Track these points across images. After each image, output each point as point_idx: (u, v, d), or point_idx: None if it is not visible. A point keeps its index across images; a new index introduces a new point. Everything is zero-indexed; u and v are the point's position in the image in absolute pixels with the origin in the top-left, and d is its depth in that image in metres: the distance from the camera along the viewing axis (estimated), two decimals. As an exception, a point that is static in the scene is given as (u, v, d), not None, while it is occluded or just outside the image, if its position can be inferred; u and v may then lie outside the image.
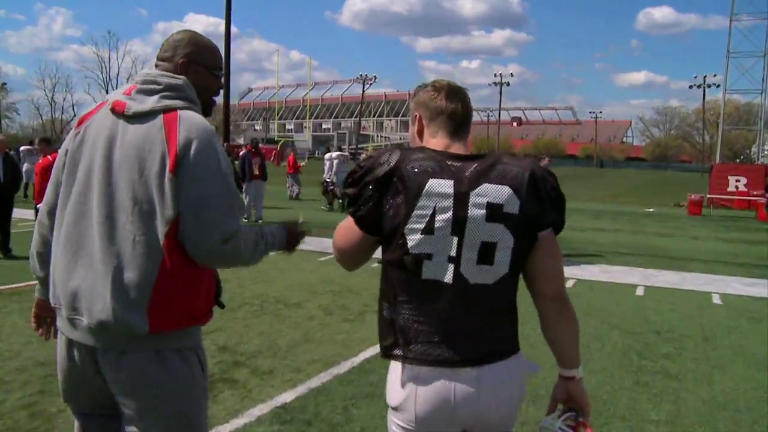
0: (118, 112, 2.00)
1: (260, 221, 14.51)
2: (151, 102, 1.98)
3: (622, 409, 4.18)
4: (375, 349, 4.89)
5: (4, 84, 66.37)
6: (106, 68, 74.30)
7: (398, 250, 1.76)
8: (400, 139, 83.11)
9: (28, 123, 77.57)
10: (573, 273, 8.97)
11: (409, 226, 1.73)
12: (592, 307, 7.11)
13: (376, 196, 1.77)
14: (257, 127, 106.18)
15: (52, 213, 2.10)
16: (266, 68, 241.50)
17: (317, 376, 4.60)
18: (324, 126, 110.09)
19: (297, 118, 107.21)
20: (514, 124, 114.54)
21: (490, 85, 79.79)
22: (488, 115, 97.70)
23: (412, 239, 1.73)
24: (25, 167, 16.94)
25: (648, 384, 4.69)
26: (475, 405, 1.76)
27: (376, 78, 76.95)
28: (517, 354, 1.85)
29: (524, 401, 1.99)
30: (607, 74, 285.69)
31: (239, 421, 3.76)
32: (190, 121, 1.97)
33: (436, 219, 1.72)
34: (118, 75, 73.09)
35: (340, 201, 18.04)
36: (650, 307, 7.27)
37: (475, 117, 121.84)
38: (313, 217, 15.02)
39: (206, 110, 2.16)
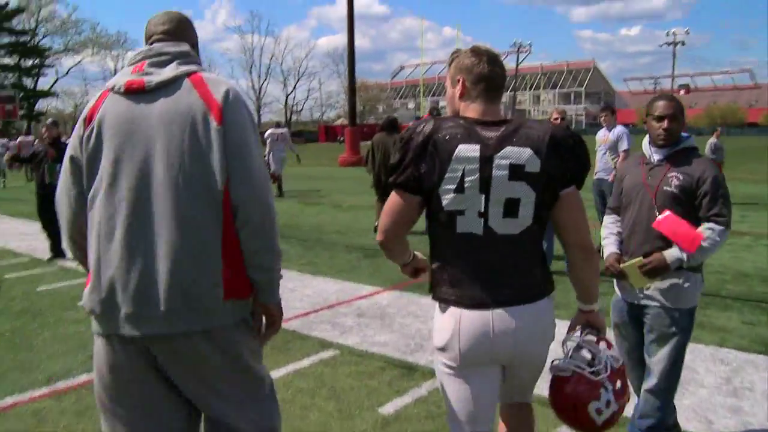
0: (135, 90, 1.99)
1: None
2: (169, 70, 2.02)
3: None
4: None
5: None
6: (249, 50, 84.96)
7: (436, 208, 2.02)
8: (557, 112, 78.34)
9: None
10: None
11: (443, 187, 1.98)
12: None
13: (414, 161, 2.00)
14: (410, 106, 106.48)
15: (77, 211, 2.04)
16: (419, 46, 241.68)
17: None
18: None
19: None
20: (682, 92, 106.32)
21: (662, 45, 73.93)
22: (655, 84, 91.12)
23: (446, 198, 1.98)
24: None
25: None
26: (512, 340, 1.99)
27: (531, 46, 73.98)
28: (548, 297, 2.09)
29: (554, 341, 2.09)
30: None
31: None
32: (217, 79, 2.06)
33: (465, 180, 1.96)
34: (269, 57, 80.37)
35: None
36: None
37: (638, 86, 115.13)
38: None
39: None
